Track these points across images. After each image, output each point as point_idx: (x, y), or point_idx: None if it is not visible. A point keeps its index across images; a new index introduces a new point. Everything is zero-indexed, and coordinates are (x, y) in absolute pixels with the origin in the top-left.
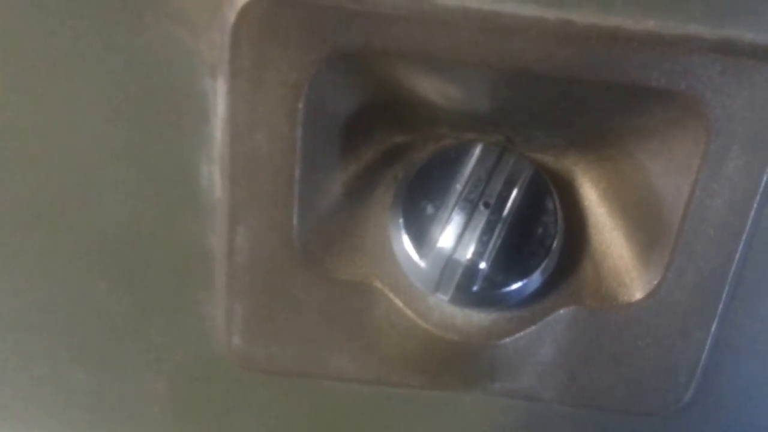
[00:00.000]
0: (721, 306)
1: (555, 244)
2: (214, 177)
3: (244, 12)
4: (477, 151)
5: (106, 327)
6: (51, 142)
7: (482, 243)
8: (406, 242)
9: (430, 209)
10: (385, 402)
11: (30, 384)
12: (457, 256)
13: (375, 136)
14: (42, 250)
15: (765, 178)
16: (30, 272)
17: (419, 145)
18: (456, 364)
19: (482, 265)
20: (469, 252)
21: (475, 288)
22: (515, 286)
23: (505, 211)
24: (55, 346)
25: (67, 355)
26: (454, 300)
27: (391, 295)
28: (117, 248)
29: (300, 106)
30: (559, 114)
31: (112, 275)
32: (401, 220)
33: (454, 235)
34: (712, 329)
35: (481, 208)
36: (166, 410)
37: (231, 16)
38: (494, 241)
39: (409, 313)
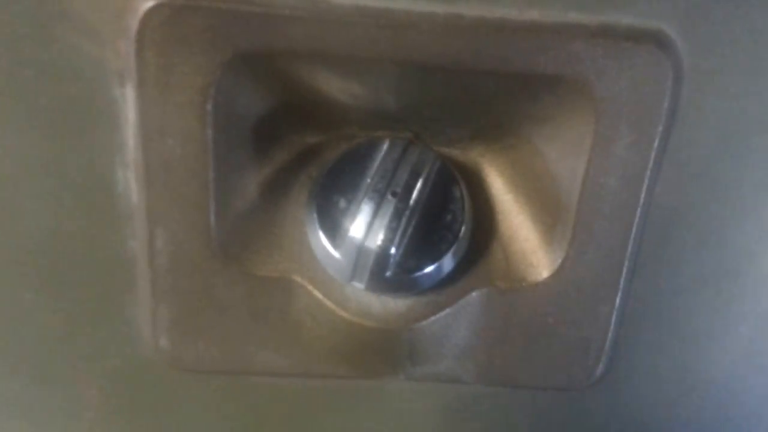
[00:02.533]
0: (622, 280)
1: (463, 230)
2: (129, 182)
3: (146, 19)
4: (385, 146)
5: (35, 337)
6: None
7: (391, 230)
8: (321, 236)
9: (342, 203)
10: (314, 395)
11: None
12: (368, 243)
13: (287, 138)
14: None
15: (653, 155)
16: None
17: (332, 145)
18: (377, 350)
19: (392, 251)
20: (378, 239)
21: (388, 274)
22: (427, 270)
23: (412, 199)
24: None
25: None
26: (370, 287)
27: (310, 288)
28: (40, 259)
29: (208, 108)
30: (462, 107)
31: (36, 286)
32: (315, 215)
33: (364, 224)
34: (617, 303)
35: (389, 197)
36: (99, 416)
37: (134, 24)
38: (403, 228)
39: (328, 303)
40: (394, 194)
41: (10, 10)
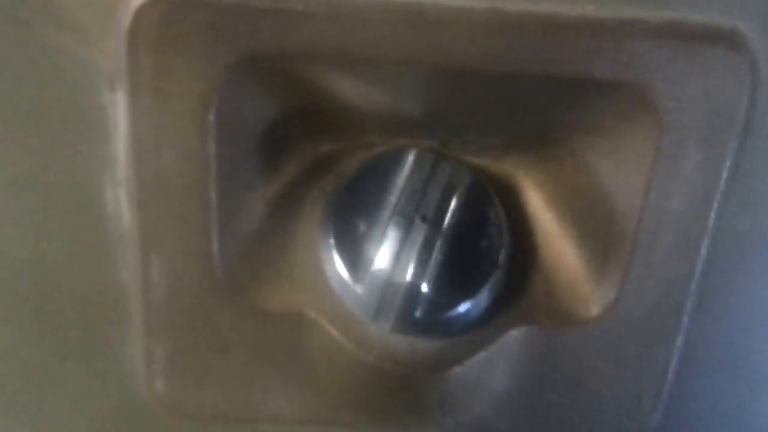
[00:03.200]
0: (685, 318)
1: (502, 258)
2: (121, 203)
3: (139, 15)
4: (410, 158)
5: (12, 379)
6: None
7: (422, 262)
8: (339, 265)
9: (362, 226)
10: None
11: None
12: (395, 278)
13: (298, 147)
14: None
15: (725, 175)
16: None
17: (347, 154)
18: (402, 398)
19: (424, 287)
20: (408, 273)
21: (417, 314)
22: (461, 308)
23: (445, 224)
24: None
25: None
26: (397, 329)
27: (326, 326)
28: (18, 289)
29: (210, 118)
30: (497, 113)
31: (14, 320)
32: (332, 240)
33: (390, 254)
34: (677, 344)
35: (418, 221)
36: None
37: (126, 21)
38: (435, 259)
39: (347, 344)
40: (423, 218)
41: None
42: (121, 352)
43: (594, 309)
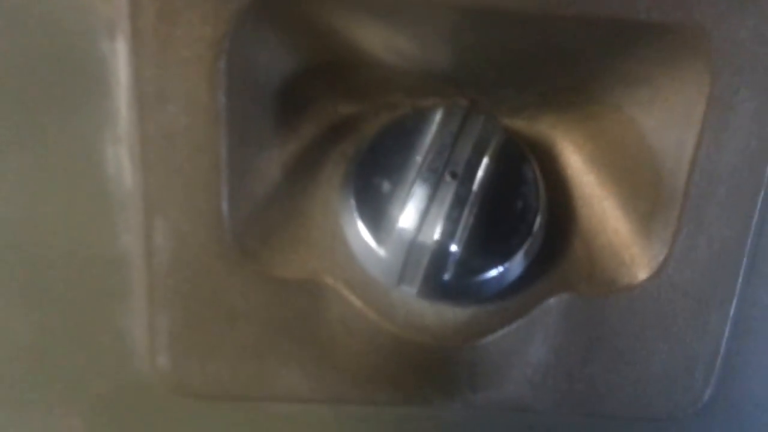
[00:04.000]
0: (739, 282)
1: (538, 220)
2: (122, 162)
3: None
4: (438, 116)
5: (10, 356)
6: None
7: (451, 221)
8: (360, 227)
9: (386, 186)
10: (346, 425)
11: None
12: (422, 238)
13: (317, 106)
14: None
15: None
16: None
17: (370, 116)
18: (428, 372)
19: (453, 248)
20: (436, 232)
21: (446, 277)
22: (494, 272)
23: (476, 182)
24: None
25: None
26: (423, 293)
27: (345, 293)
28: (12, 257)
29: (220, 66)
30: (532, 65)
31: (7, 291)
32: (353, 202)
33: (416, 213)
34: (731, 312)
35: (448, 178)
36: None
37: None
38: (466, 218)
39: (369, 313)
40: (453, 175)
41: None
42: (121, 325)
43: (640, 274)
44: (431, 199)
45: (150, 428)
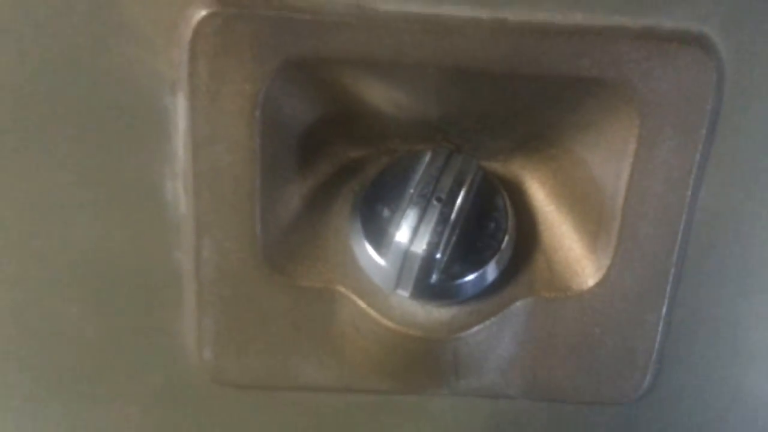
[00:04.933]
0: (669, 287)
1: (507, 238)
2: (178, 192)
3: (198, 28)
4: (427, 157)
5: (79, 354)
6: (18, 167)
7: (437, 233)
8: (366, 244)
9: (386, 213)
10: (357, 412)
11: (2, 417)
12: (413, 248)
13: (331, 150)
14: (12, 279)
15: (698, 158)
16: (1, 302)
17: (374, 159)
18: (421, 361)
19: (438, 255)
20: (424, 243)
21: (433, 280)
22: (471, 277)
23: (457, 205)
24: (28, 376)
25: (40, 385)
26: (415, 294)
27: (354, 298)
28: (85, 270)
29: (257, 115)
30: (504, 116)
31: (81, 298)
32: (360, 225)
33: (409, 230)
34: (663, 312)
35: (434, 202)
36: None
37: (187, 34)
38: (448, 233)
39: (372, 313)
40: (438, 200)
41: (68, 21)
42: (174, 326)
43: (589, 281)
44: (421, 219)
45: (195, 413)
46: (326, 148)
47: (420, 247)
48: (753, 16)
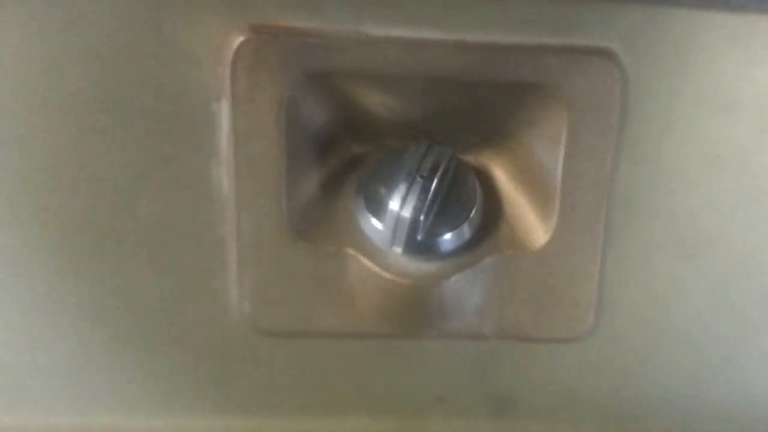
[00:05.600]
0: (600, 244)
1: (476, 208)
2: (222, 177)
3: (238, 51)
4: (413, 148)
5: (145, 311)
6: (96, 161)
7: (420, 201)
8: (368, 214)
9: (382, 190)
10: (364, 354)
11: (80, 367)
12: (403, 213)
13: (339, 147)
14: (94, 252)
15: (613, 142)
16: (86, 268)
17: (371, 153)
18: (413, 306)
19: (422, 218)
20: (411, 208)
21: (419, 237)
22: (449, 236)
23: (435, 180)
24: (107, 328)
25: (114, 336)
26: (406, 250)
27: (360, 257)
28: (148, 242)
29: (282, 115)
30: (469, 117)
31: (146, 267)
32: (362, 201)
33: (400, 199)
34: (598, 262)
35: (418, 179)
36: (192, 378)
37: (229, 55)
38: (430, 200)
39: (374, 268)
40: (422, 177)
41: (138, 44)
42: (219, 286)
43: (541, 241)
44: (408, 191)
45: (237, 358)
46: (335, 144)
47: (408, 211)
48: (646, 35)
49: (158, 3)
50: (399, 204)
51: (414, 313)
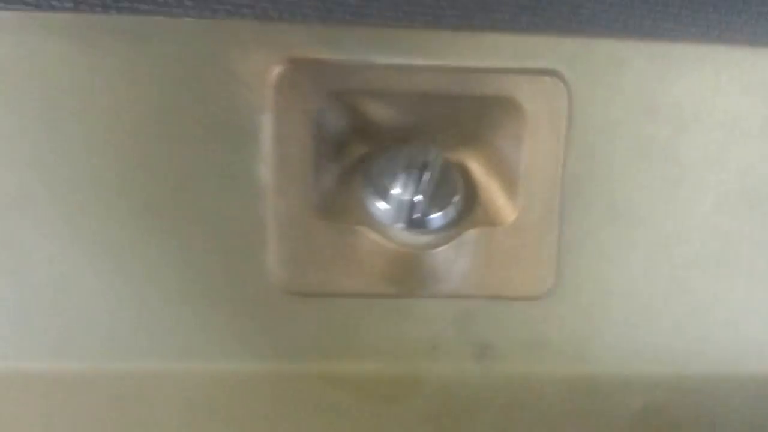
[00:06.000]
0: (557, 219)
1: (458, 194)
2: (264, 172)
3: (279, 75)
4: (407, 148)
5: (201, 277)
6: (168, 158)
7: (416, 187)
8: (376, 199)
9: (386, 179)
10: (374, 311)
11: (129, 318)
12: (404, 196)
13: (351, 148)
14: (162, 228)
15: (563, 142)
16: (157, 242)
17: (378, 150)
18: (411, 270)
19: (417, 199)
20: (410, 192)
21: (415, 216)
22: (438, 215)
23: (427, 171)
24: (166, 289)
25: (171, 295)
26: (406, 227)
27: (370, 232)
28: (207, 224)
29: (311, 123)
30: (451, 123)
31: (203, 242)
32: (372, 188)
33: (401, 186)
34: (556, 233)
35: (414, 170)
36: (237, 329)
37: (272, 80)
38: (423, 187)
39: (381, 240)
40: (417, 169)
41: (199, 70)
42: (260, 256)
43: (510, 218)
44: (407, 179)
45: (273, 313)
46: (349, 145)
47: (407, 195)
48: (585, 59)
49: (217, 41)
50: (400, 190)
51: (412, 276)
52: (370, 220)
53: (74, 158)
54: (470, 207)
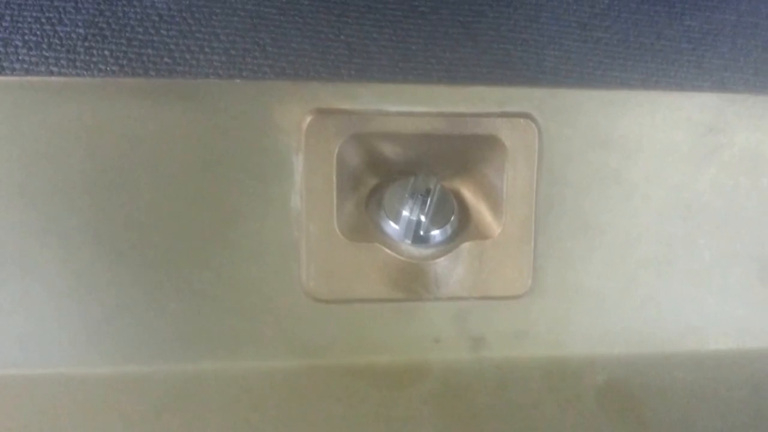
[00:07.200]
0: (533, 233)
1: (454, 215)
2: (296, 200)
3: (309, 123)
4: (413, 178)
5: (241, 288)
6: (218, 191)
7: (421, 209)
8: (388, 219)
9: (396, 204)
10: (386, 314)
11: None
12: (411, 217)
13: (366, 179)
14: (209, 249)
15: (536, 169)
16: (202, 261)
17: (388, 182)
18: (417, 277)
19: (423, 219)
20: (416, 214)
21: (421, 233)
22: (438, 232)
23: (429, 197)
24: (213, 304)
25: (216, 300)
26: (413, 242)
27: (383, 248)
28: (248, 244)
29: (335, 159)
30: (447, 158)
31: (244, 259)
32: (384, 212)
33: (408, 209)
34: (532, 244)
35: (419, 196)
36: (271, 331)
37: (304, 126)
38: (427, 209)
39: (392, 254)
40: (421, 195)
41: (244, 121)
42: (294, 270)
43: (496, 233)
44: (413, 204)
45: (303, 317)
46: (364, 177)
47: (414, 216)
48: (552, 104)
49: (259, 97)
50: (407, 213)
51: (417, 283)
52: (382, 238)
53: (148, 200)
54: (464, 224)
